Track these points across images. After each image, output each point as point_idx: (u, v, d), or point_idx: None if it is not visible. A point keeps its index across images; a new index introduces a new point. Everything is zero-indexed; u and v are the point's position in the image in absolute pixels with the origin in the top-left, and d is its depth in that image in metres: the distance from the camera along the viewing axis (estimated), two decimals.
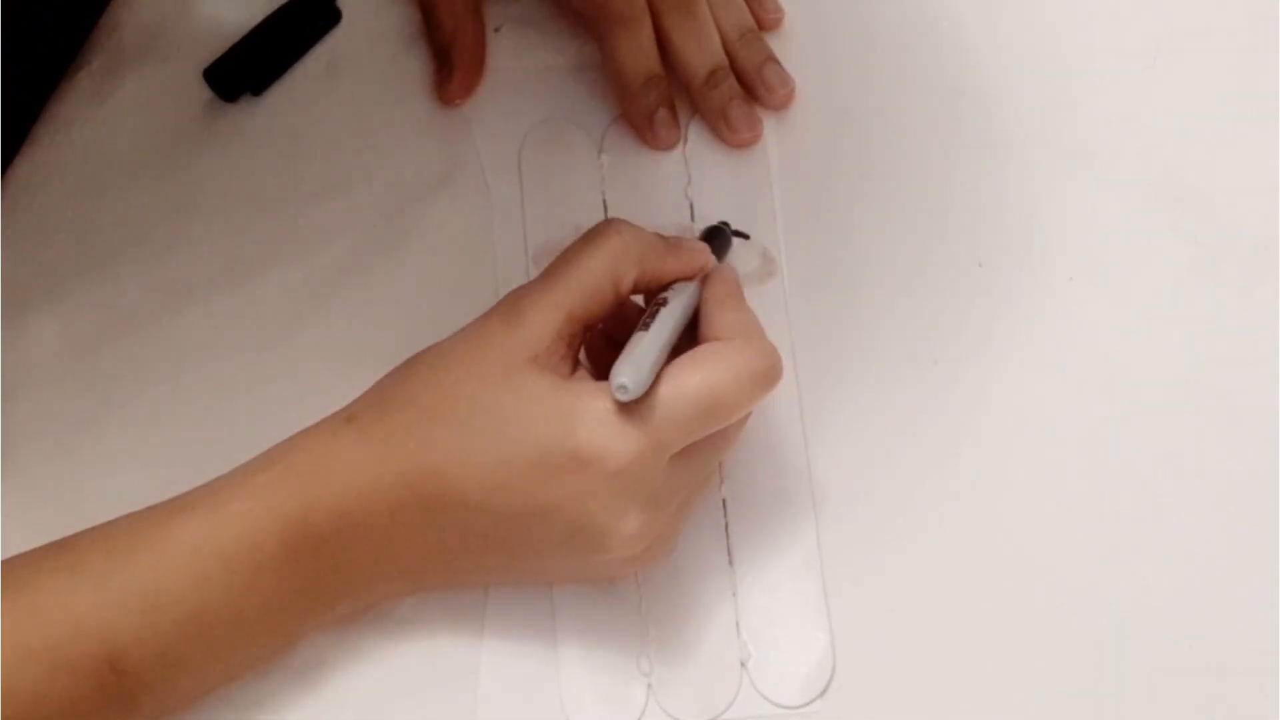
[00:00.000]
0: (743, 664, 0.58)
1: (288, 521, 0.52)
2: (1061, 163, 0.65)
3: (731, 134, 0.65)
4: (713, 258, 0.58)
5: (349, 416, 0.54)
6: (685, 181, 0.66)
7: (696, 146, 0.66)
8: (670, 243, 0.56)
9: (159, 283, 0.64)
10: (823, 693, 0.57)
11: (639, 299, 0.57)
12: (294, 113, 0.67)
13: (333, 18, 0.68)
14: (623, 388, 0.49)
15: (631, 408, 0.50)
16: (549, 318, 0.53)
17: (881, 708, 0.58)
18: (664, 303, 0.53)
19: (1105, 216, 0.65)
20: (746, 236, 0.62)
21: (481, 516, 0.52)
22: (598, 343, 0.58)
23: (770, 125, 0.66)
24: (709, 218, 0.64)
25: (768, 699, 0.57)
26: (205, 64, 0.67)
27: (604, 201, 0.65)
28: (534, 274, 0.63)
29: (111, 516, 0.59)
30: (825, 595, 0.59)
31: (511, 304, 0.54)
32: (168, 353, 0.63)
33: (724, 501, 0.60)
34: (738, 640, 0.58)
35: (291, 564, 0.52)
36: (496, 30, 0.68)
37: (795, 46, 0.68)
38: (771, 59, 0.66)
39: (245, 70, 0.67)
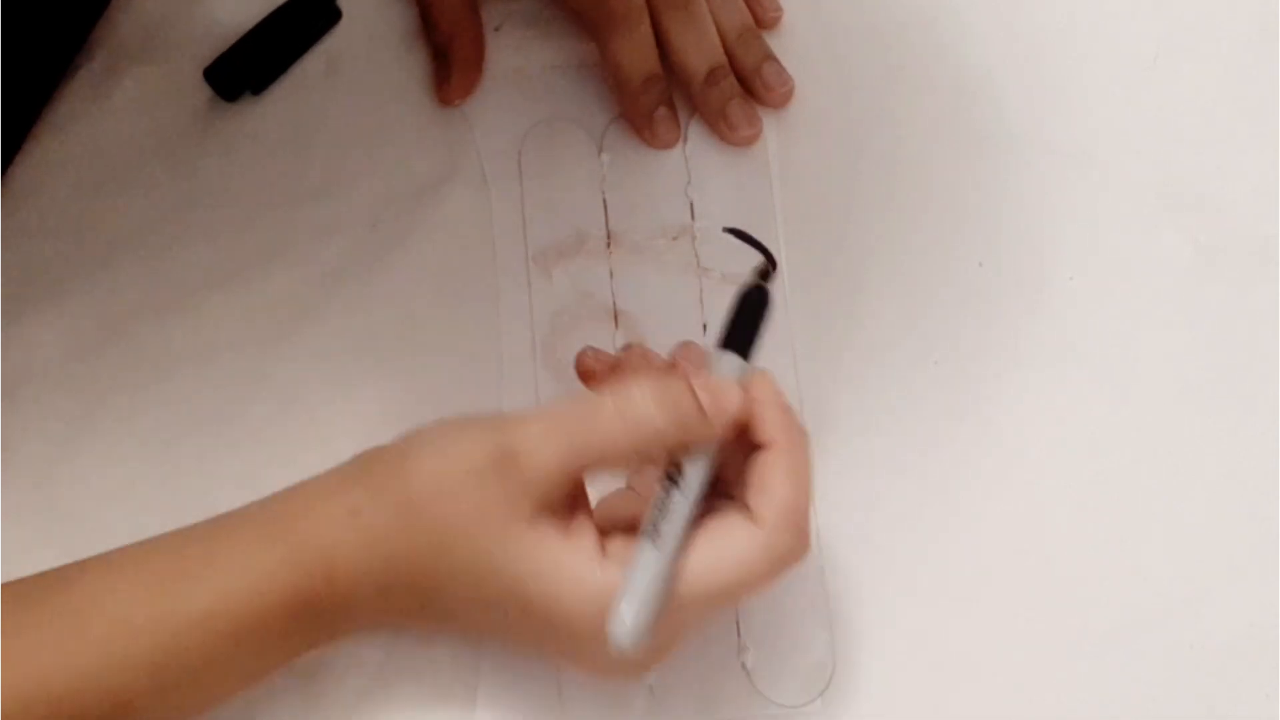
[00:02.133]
0: (743, 663, 0.58)
1: (294, 602, 0.51)
2: (1062, 162, 0.66)
3: (731, 132, 0.66)
4: (739, 403, 0.52)
5: (352, 510, 0.52)
6: (685, 180, 0.66)
7: (697, 146, 0.66)
8: (705, 402, 0.51)
9: (159, 282, 0.64)
10: (822, 692, 0.57)
11: None
12: (294, 112, 0.67)
13: (332, 17, 0.68)
14: (619, 642, 0.48)
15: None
16: (552, 481, 0.50)
17: (881, 706, 0.58)
18: (670, 507, 0.50)
19: (1106, 216, 0.65)
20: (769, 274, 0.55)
21: (482, 629, 0.54)
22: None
23: (771, 125, 0.66)
24: (709, 216, 0.64)
25: (768, 698, 0.57)
26: (206, 63, 0.67)
27: (604, 201, 0.65)
28: (535, 273, 0.64)
29: (111, 517, 0.59)
30: (825, 594, 0.59)
31: (512, 451, 0.50)
32: (168, 352, 0.63)
33: None
34: (737, 640, 0.58)
35: (295, 634, 0.52)
36: (496, 29, 0.68)
37: (797, 46, 0.68)
38: (770, 58, 0.67)
39: (246, 69, 0.67)
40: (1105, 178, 0.65)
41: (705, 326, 0.63)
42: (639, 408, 0.50)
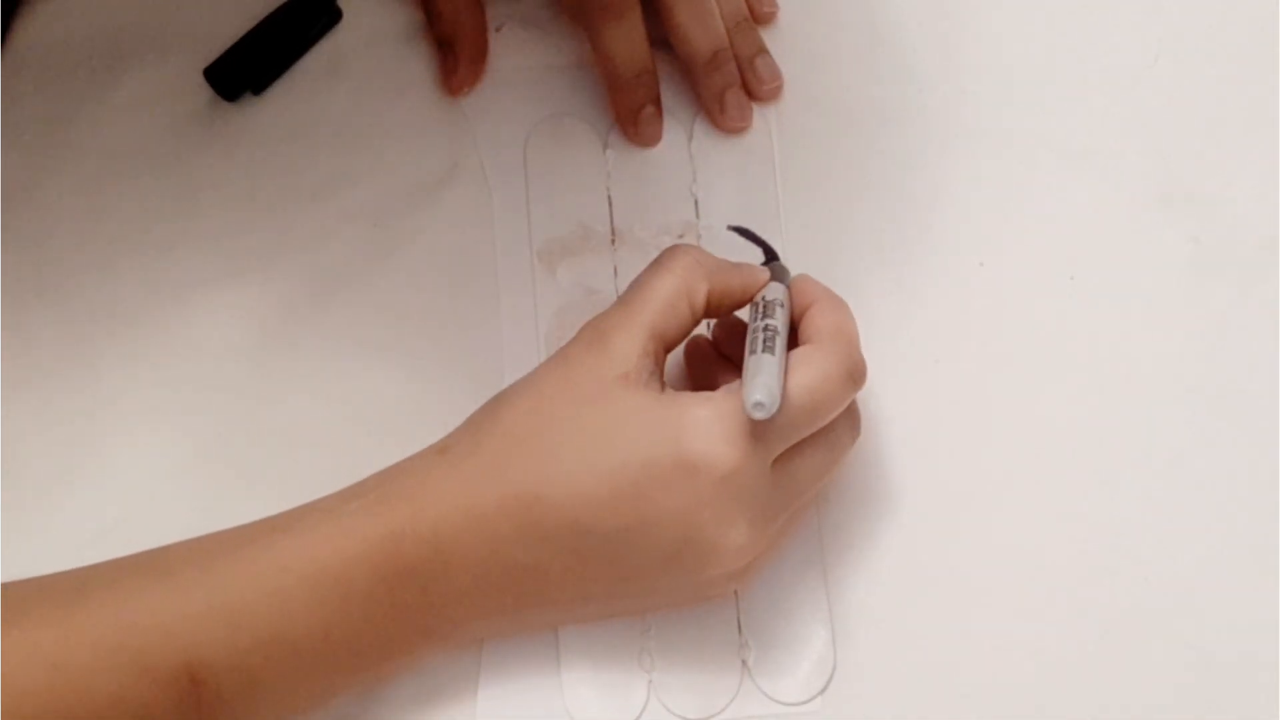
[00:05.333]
0: (744, 661, 0.58)
1: (379, 549, 0.51)
2: (1063, 161, 0.66)
3: (724, 119, 0.66)
4: (765, 271, 0.58)
5: (442, 449, 0.54)
6: (691, 178, 0.66)
7: (702, 143, 0.66)
8: (735, 264, 0.57)
9: (160, 281, 0.64)
10: (823, 690, 0.58)
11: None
12: (295, 112, 0.67)
13: (333, 16, 0.68)
14: (759, 405, 0.49)
15: (732, 415, 0.51)
16: (633, 337, 0.53)
17: (882, 705, 0.58)
18: (769, 328, 0.53)
19: (1106, 216, 0.65)
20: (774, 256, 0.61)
21: (586, 537, 0.52)
22: (698, 355, 0.60)
23: (774, 123, 0.67)
24: (714, 214, 0.65)
25: (768, 696, 0.57)
26: (206, 63, 0.67)
27: (609, 197, 0.65)
28: (539, 270, 0.64)
29: (111, 517, 0.60)
30: (827, 592, 0.59)
31: (594, 330, 0.54)
32: (168, 351, 0.63)
33: None
34: (739, 637, 0.58)
35: (381, 593, 0.51)
36: (498, 29, 0.68)
37: (800, 45, 0.68)
38: (764, 51, 0.67)
39: (246, 69, 0.67)
40: (1106, 177, 0.65)
41: (709, 324, 0.62)
42: (675, 251, 0.56)
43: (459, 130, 0.67)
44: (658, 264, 0.56)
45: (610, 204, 0.65)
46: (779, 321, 0.54)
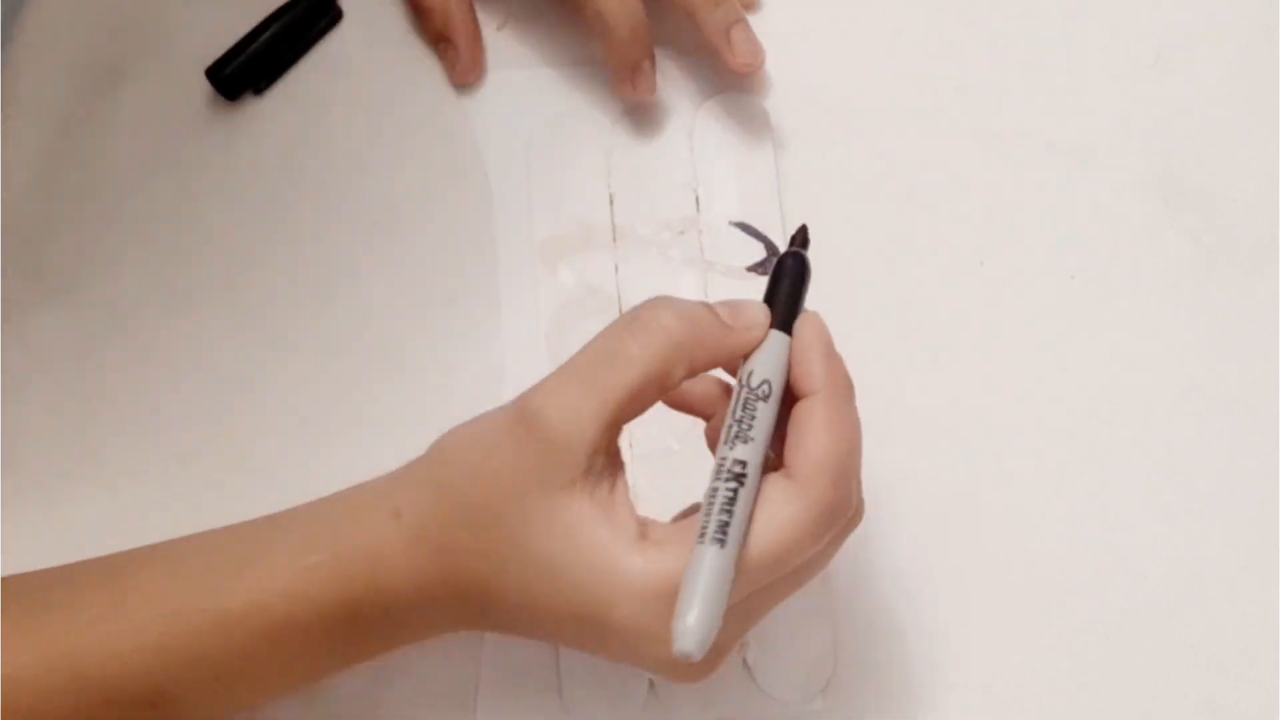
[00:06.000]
0: (744, 660, 0.58)
1: (334, 608, 0.50)
2: (1063, 160, 0.66)
3: (733, 56, 0.65)
4: (765, 318, 0.50)
5: (395, 512, 0.50)
6: (691, 173, 0.66)
7: (703, 139, 0.66)
8: (724, 319, 0.49)
9: (161, 280, 0.64)
10: (824, 689, 0.58)
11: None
12: (296, 111, 0.67)
13: (334, 17, 0.68)
14: (686, 654, 0.43)
15: (670, 586, 0.45)
16: (582, 437, 0.47)
17: (882, 706, 0.58)
18: (729, 491, 0.46)
19: (1107, 215, 0.65)
20: (805, 240, 0.54)
21: (533, 634, 0.51)
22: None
23: (776, 122, 0.67)
24: (714, 210, 0.64)
25: (769, 695, 0.57)
26: (208, 63, 0.67)
27: (610, 195, 0.65)
28: (540, 269, 0.63)
29: (110, 518, 0.60)
30: (828, 591, 0.59)
31: (537, 415, 0.48)
32: (169, 351, 0.63)
33: None
34: None
35: (336, 640, 0.51)
36: (499, 29, 0.68)
37: (799, 41, 0.68)
38: (742, 21, 0.66)
39: (247, 69, 0.67)
40: (1107, 175, 0.65)
41: None
42: (653, 321, 0.48)
43: (459, 130, 0.67)
44: (630, 334, 0.48)
45: (611, 202, 0.65)
46: (747, 449, 0.47)
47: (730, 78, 0.67)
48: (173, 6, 0.69)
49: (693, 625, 0.43)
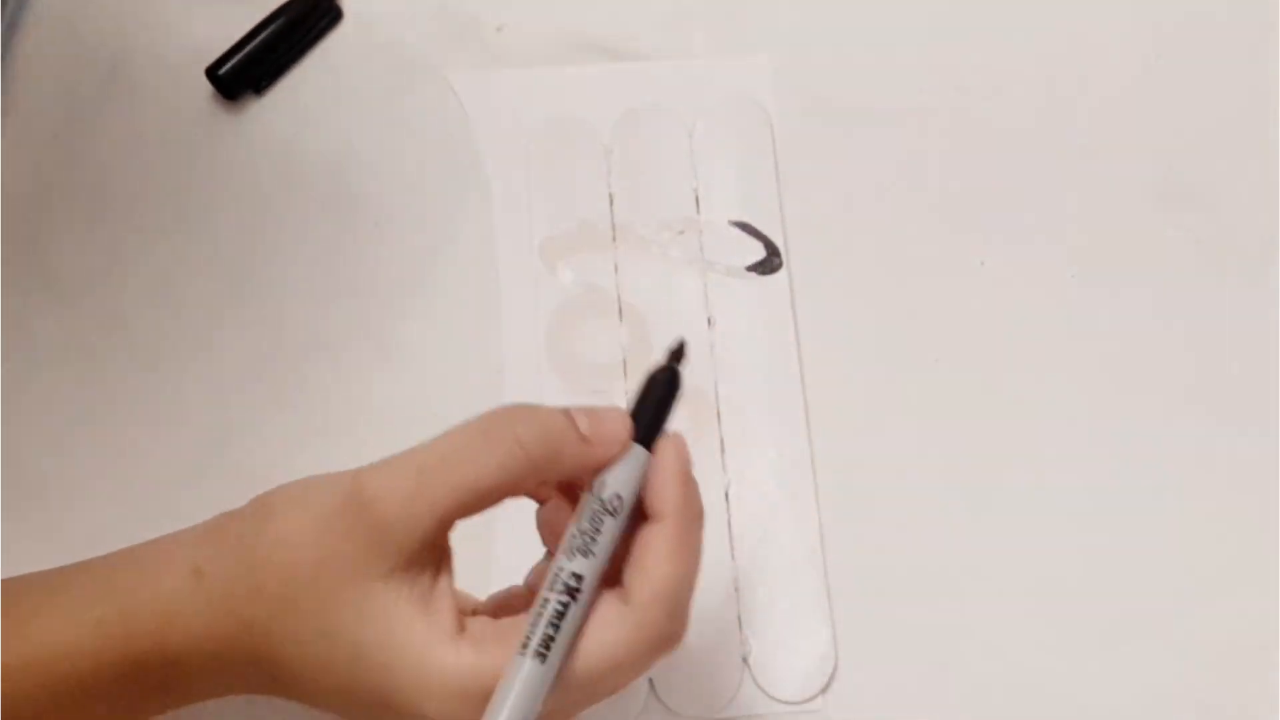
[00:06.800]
0: (744, 659, 0.58)
1: (121, 661, 0.48)
2: (1063, 160, 0.66)
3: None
4: (627, 431, 0.47)
5: (195, 570, 0.48)
6: (691, 174, 0.66)
7: (703, 140, 0.66)
8: (584, 425, 0.47)
9: (160, 280, 0.64)
10: (824, 688, 0.58)
11: None
12: (295, 111, 0.67)
13: (334, 16, 0.69)
14: None
15: (483, 690, 0.44)
16: (416, 530, 0.45)
17: (883, 705, 0.58)
18: (561, 604, 0.44)
19: (1107, 215, 0.65)
20: (681, 355, 0.50)
21: (322, 706, 0.47)
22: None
23: (776, 122, 0.67)
24: (714, 209, 0.65)
25: (769, 694, 0.57)
26: (208, 63, 0.67)
27: (610, 195, 0.65)
28: (540, 268, 0.64)
29: (110, 518, 0.59)
30: (827, 590, 0.59)
31: (369, 504, 0.45)
32: (168, 351, 0.63)
33: (726, 495, 0.60)
34: (739, 635, 0.58)
35: (120, 694, 0.48)
36: (498, 30, 0.68)
37: (802, 44, 0.68)
38: None
39: (247, 69, 0.67)
40: (1106, 175, 0.66)
41: (710, 320, 0.63)
42: (509, 433, 0.46)
43: (459, 129, 0.67)
44: (481, 442, 0.46)
45: (611, 201, 0.65)
46: (585, 563, 0.45)
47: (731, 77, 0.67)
48: (173, 6, 0.69)
49: None
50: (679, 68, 0.68)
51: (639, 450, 0.47)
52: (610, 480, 0.46)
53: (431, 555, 0.46)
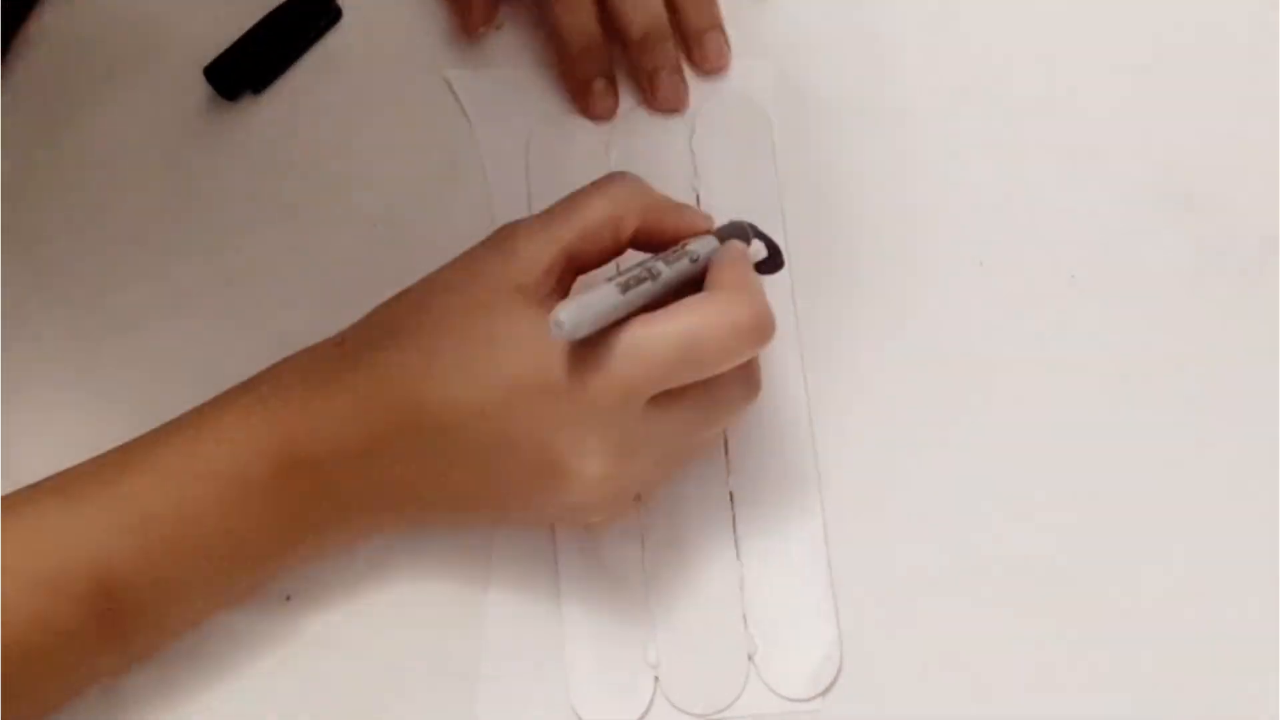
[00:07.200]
0: (750, 657, 0.58)
1: (273, 443, 0.53)
2: (1062, 161, 0.66)
3: (653, 99, 0.66)
4: (713, 224, 0.57)
5: (340, 341, 0.55)
6: (692, 174, 0.66)
7: (703, 140, 0.67)
8: (678, 204, 0.57)
9: (160, 280, 0.64)
10: (829, 687, 0.58)
11: None
12: (295, 111, 0.67)
13: (333, 15, 0.69)
14: (558, 324, 0.48)
15: (608, 345, 0.50)
16: (541, 251, 0.53)
17: (888, 703, 0.58)
18: (651, 269, 0.52)
19: (1106, 215, 0.65)
20: (772, 244, 0.59)
21: (456, 444, 0.53)
22: None
23: (777, 123, 0.67)
24: (714, 209, 0.64)
25: (775, 692, 0.58)
26: (206, 62, 0.67)
27: None
28: None
29: None
30: (832, 590, 0.59)
31: (505, 235, 0.54)
32: (168, 351, 0.63)
33: (731, 494, 0.61)
34: (745, 633, 0.59)
35: (278, 485, 0.53)
36: (498, 28, 0.69)
37: (799, 41, 0.69)
38: (716, 26, 0.67)
39: (246, 68, 0.67)
40: (1106, 176, 0.66)
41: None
42: (619, 177, 0.55)
43: (459, 129, 0.67)
44: (595, 185, 0.55)
45: None
46: (667, 267, 0.53)
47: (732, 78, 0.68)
48: (171, 5, 0.69)
49: (574, 303, 0.49)
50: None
51: (714, 239, 0.56)
52: (694, 244, 0.54)
53: (553, 289, 0.54)
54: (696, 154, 0.66)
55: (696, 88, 0.68)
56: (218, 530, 0.53)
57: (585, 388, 0.50)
